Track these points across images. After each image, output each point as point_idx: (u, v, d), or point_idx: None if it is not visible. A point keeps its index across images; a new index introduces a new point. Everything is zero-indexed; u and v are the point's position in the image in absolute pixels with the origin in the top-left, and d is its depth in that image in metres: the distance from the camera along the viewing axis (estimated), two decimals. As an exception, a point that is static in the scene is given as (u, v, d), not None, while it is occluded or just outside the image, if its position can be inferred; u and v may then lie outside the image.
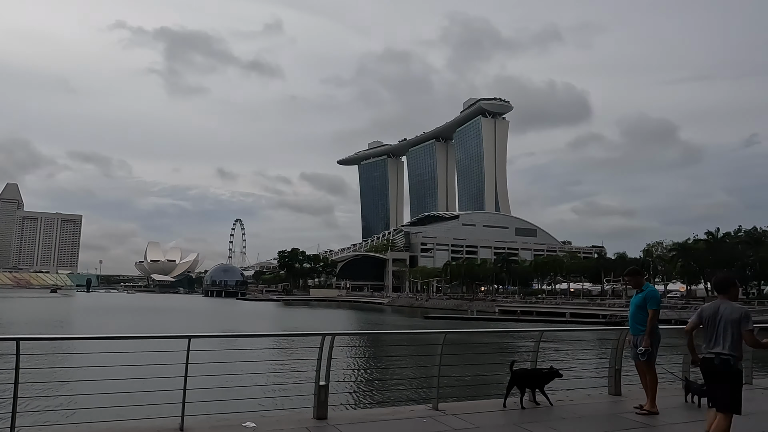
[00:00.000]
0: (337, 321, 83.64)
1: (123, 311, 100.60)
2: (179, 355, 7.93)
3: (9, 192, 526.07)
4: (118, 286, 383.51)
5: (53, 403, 7.95)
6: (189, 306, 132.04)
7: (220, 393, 9.02)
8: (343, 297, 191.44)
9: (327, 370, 8.73)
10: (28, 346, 7.22)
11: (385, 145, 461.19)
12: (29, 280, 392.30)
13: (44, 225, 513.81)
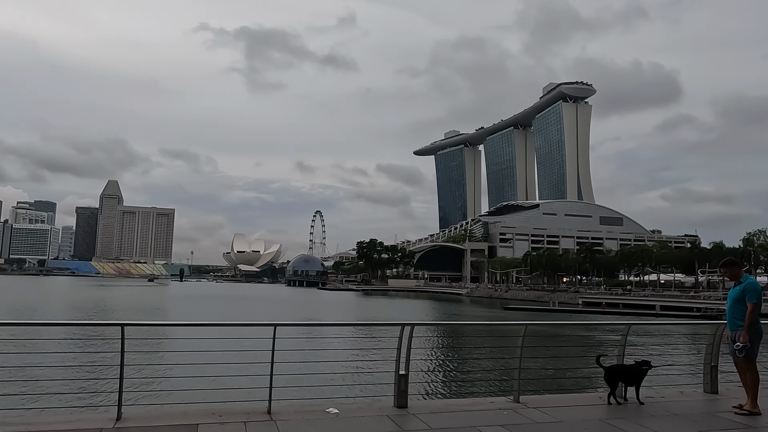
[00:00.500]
0: (416, 311, 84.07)
1: (213, 299, 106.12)
2: (266, 342, 8.30)
3: (110, 188, 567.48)
4: (207, 276, 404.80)
5: (153, 383, 8.59)
6: (273, 295, 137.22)
7: (304, 379, 9.35)
8: (421, 287, 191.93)
9: (407, 359, 8.83)
10: (132, 331, 7.81)
11: (461, 134, 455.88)
12: (129, 270, 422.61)
13: (141, 219, 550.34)
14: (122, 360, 7.70)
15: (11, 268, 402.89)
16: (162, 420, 7.71)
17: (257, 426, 7.59)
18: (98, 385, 9.56)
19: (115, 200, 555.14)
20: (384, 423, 8.01)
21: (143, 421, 7.69)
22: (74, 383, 11.16)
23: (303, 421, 7.91)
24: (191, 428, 7.35)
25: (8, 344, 13.82)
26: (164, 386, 8.06)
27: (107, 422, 7.52)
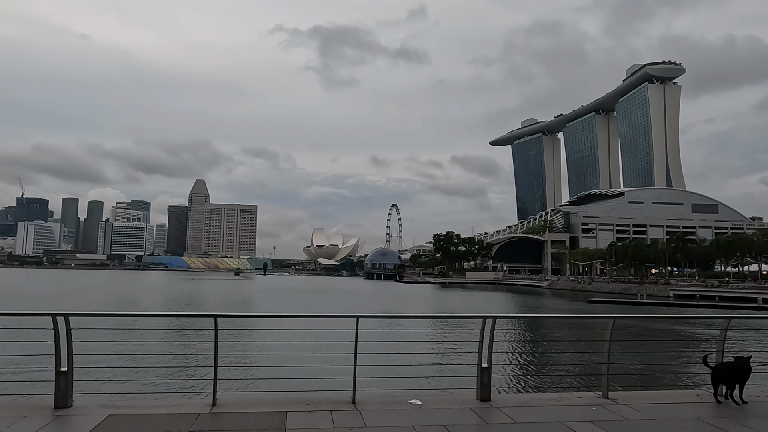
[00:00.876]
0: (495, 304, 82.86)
1: (296, 292, 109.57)
2: (349, 334, 8.49)
3: (198, 187, 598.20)
4: (289, 270, 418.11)
5: (244, 372, 9.02)
6: (352, 288, 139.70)
7: (386, 370, 9.47)
8: (500, 280, 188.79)
9: (489, 352, 8.74)
10: (224, 323, 8.23)
11: (539, 122, 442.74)
12: (217, 264, 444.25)
13: (227, 215, 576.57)
14: (216, 349, 8.14)
15: (113, 264, 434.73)
16: (254, 407, 8.08)
17: (343, 415, 7.79)
18: (194, 372, 10.18)
19: (202, 198, 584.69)
20: (467, 415, 7.99)
21: (237, 407, 8.09)
22: (173, 370, 11.99)
23: (387, 411, 8.03)
24: (281, 415, 7.66)
25: (113, 333, 15.00)
26: (254, 374, 8.45)
27: (204, 407, 7.99)
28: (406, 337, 14.33)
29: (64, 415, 7.55)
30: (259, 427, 7.19)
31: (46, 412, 7.58)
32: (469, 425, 7.56)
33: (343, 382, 8.74)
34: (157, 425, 7.18)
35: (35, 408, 7.77)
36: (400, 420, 7.63)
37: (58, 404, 7.80)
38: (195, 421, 7.39)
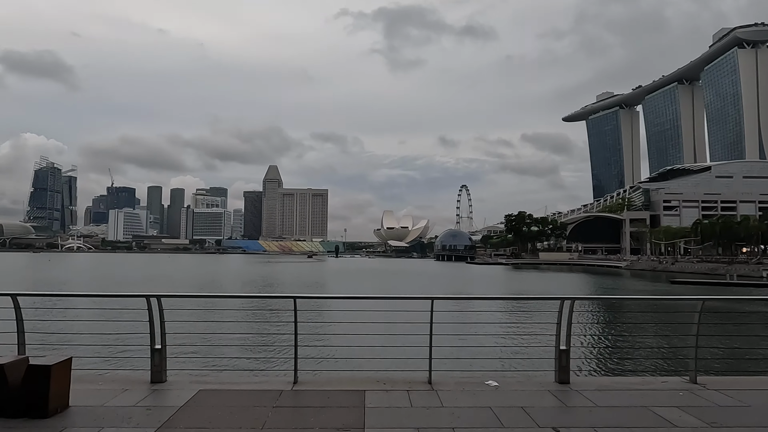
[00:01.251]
0: (571, 285, 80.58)
1: (368, 274, 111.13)
2: (424, 315, 8.55)
3: (271, 173, 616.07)
4: (360, 252, 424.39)
5: (323, 351, 9.32)
6: (423, 269, 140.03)
7: (461, 351, 9.48)
8: (575, 260, 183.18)
9: (567, 334, 8.55)
10: (303, 303, 8.50)
11: (616, 95, 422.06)
12: (291, 247, 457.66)
13: (299, 200, 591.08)
14: (296, 329, 8.44)
15: (194, 248, 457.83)
16: (333, 385, 8.33)
17: (420, 395, 7.89)
18: (276, 350, 10.63)
19: (275, 183, 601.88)
20: (546, 398, 7.88)
21: (317, 385, 8.37)
22: (256, 349, 12.63)
23: (463, 392, 8.06)
24: (359, 394, 7.85)
25: (201, 313, 15.77)
26: (332, 354, 8.71)
27: (286, 385, 8.32)
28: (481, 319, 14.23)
29: (159, 389, 8.09)
30: (340, 404, 7.41)
31: (143, 386, 8.16)
32: (549, 408, 7.46)
33: (419, 363, 8.84)
34: (244, 400, 7.56)
35: (134, 382, 8.37)
36: (477, 401, 7.64)
37: (154, 379, 8.37)
38: (279, 397, 7.72)
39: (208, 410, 7.12)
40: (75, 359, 7.46)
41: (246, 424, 6.57)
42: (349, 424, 6.61)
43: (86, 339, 9.44)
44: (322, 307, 8.23)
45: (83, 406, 7.18)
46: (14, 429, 6.35)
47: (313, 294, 8.34)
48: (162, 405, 7.34)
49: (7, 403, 6.76)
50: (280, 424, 6.61)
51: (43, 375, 6.78)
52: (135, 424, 6.58)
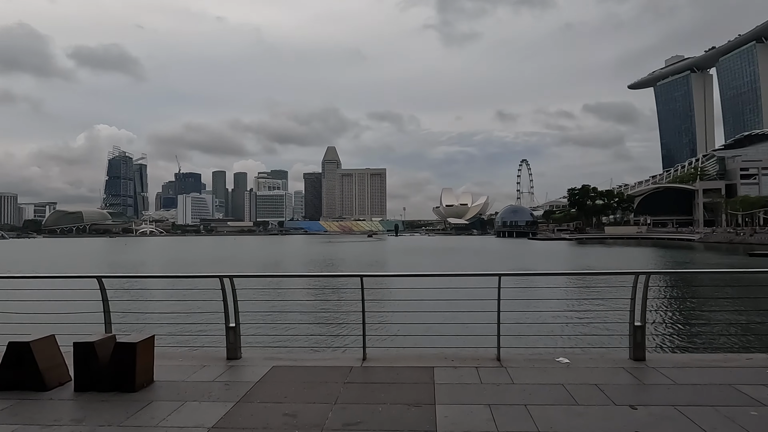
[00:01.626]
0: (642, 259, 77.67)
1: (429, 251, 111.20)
2: (491, 292, 8.45)
3: (330, 154, 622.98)
4: (420, 230, 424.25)
5: (391, 328, 9.41)
6: (484, 246, 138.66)
7: (530, 328, 9.34)
8: (643, 234, 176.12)
9: (642, 310, 8.25)
10: (369, 282, 8.59)
11: (686, 58, 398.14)
12: (351, 227, 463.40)
13: (358, 180, 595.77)
14: (363, 307, 8.55)
15: (258, 230, 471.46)
16: (401, 362, 8.41)
17: (489, 371, 7.84)
18: (344, 328, 10.83)
19: (334, 164, 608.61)
20: (620, 375, 7.66)
21: (386, 361, 8.48)
22: (325, 327, 12.94)
23: (533, 369, 7.95)
24: (428, 370, 7.89)
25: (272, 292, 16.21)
26: (400, 331, 8.78)
27: (356, 361, 8.47)
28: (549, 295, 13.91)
29: (235, 365, 8.42)
30: (409, 380, 7.48)
31: (220, 363, 8.52)
32: (624, 385, 7.24)
33: (486, 340, 8.78)
34: (316, 376, 7.75)
35: (211, 359, 8.75)
36: (548, 378, 7.51)
37: (230, 356, 8.72)
38: (349, 373, 7.87)
39: (283, 385, 7.35)
40: (156, 337, 7.86)
41: (319, 399, 6.75)
42: (420, 400, 6.66)
43: (165, 318, 9.93)
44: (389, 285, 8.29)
45: (166, 381, 7.58)
46: (107, 402, 6.78)
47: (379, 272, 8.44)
48: (239, 380, 7.64)
49: (98, 378, 7.22)
50: (351, 399, 6.74)
51: (130, 352, 7.19)
52: (215, 398, 6.88)
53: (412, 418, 6.07)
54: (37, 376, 7.22)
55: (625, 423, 5.88)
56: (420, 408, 6.40)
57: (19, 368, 7.26)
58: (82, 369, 7.26)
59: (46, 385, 7.24)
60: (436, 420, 6.00)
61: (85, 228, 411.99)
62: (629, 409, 6.30)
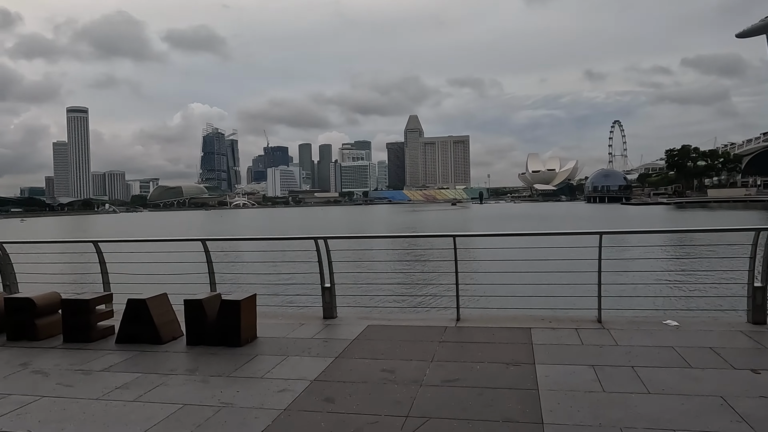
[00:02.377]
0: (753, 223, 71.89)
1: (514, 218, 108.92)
2: (591, 252, 8.07)
3: (412, 123, 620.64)
4: (505, 198, 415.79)
5: (484, 290, 9.26)
6: (573, 212, 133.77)
7: (633, 290, 8.87)
8: (752, 196, 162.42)
9: (764, 269, 7.57)
10: (462, 242, 8.46)
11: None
12: (435, 196, 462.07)
13: (440, 148, 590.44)
14: (456, 267, 8.45)
15: (344, 200, 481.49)
16: (496, 323, 8.28)
17: (590, 333, 7.54)
18: (437, 289, 10.88)
19: (416, 133, 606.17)
20: (738, 339, 7.10)
21: (480, 322, 8.38)
22: (417, 287, 13.06)
23: (638, 331, 7.55)
24: (524, 331, 7.71)
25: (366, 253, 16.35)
26: (494, 292, 8.63)
27: (449, 322, 8.44)
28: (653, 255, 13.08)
29: (331, 324, 8.65)
30: (505, 340, 7.34)
31: (317, 321, 8.78)
32: (743, 349, 6.71)
33: (585, 301, 8.44)
34: (411, 335, 7.80)
35: (309, 318, 9.04)
36: (656, 340, 7.10)
37: (326, 315, 8.96)
38: (444, 333, 7.85)
39: (379, 343, 7.46)
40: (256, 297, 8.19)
41: (415, 356, 6.78)
42: (518, 359, 6.52)
43: (263, 279, 10.34)
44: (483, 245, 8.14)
45: (268, 337, 7.91)
46: (215, 355, 7.19)
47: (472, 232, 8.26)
48: (336, 338, 7.83)
49: (207, 333, 7.66)
50: (448, 357, 6.72)
51: (235, 309, 7.55)
52: (315, 353, 7.10)
53: (511, 377, 5.96)
54: (154, 331, 7.77)
55: (748, 387, 5.44)
56: (519, 367, 6.26)
57: (137, 323, 7.85)
58: (192, 324, 7.73)
59: (162, 338, 7.78)
60: (536, 378, 5.84)
61: (185, 202, 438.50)
62: (751, 374, 5.83)
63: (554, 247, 8.65)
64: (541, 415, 4.92)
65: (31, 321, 8.19)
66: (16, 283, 10.36)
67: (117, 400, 5.65)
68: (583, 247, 8.32)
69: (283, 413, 5.17)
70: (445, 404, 5.25)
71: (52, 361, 7.17)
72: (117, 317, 8.33)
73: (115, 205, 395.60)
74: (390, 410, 5.15)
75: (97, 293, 8.65)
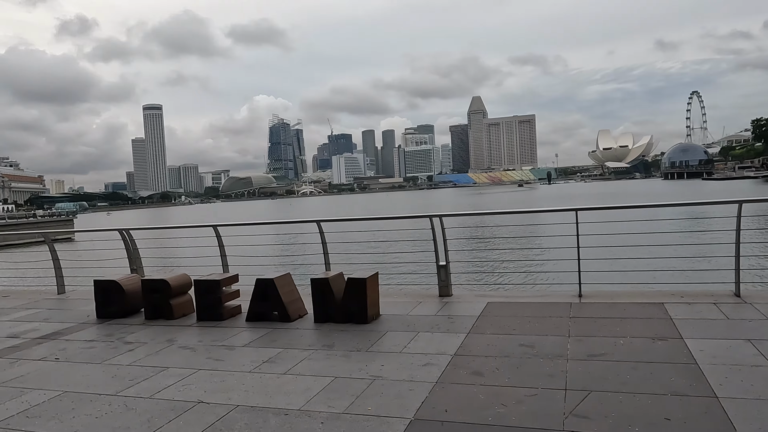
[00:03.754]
0: None
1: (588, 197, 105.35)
2: (724, 222, 7.64)
3: (475, 104, 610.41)
4: (574, 177, 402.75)
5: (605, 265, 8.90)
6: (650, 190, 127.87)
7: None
8: None
9: None
10: (584, 215, 8.21)
11: None
12: (500, 178, 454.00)
13: (505, 128, 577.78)
14: (578, 242, 8.23)
15: (408, 185, 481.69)
16: (622, 298, 8.01)
17: (732, 308, 7.16)
18: (554, 265, 10.64)
19: (480, 115, 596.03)
20: None
21: (605, 298, 8.13)
22: (532, 264, 12.91)
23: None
24: (658, 306, 7.42)
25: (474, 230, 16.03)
26: (615, 267, 8.34)
27: (573, 298, 8.24)
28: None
29: (449, 302, 8.65)
30: (640, 315, 7.09)
31: (434, 299, 8.80)
32: None
33: (718, 275, 8.02)
34: (536, 311, 7.68)
35: (425, 296, 9.08)
36: (810, 315, 6.64)
37: (442, 293, 8.97)
38: (570, 308, 7.68)
39: (505, 319, 7.38)
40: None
41: (550, 332, 6.66)
42: (663, 334, 6.28)
43: (375, 258, 10.47)
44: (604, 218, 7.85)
45: (392, 314, 8.01)
46: (346, 331, 7.35)
47: (594, 205, 8.03)
48: (460, 315, 7.82)
49: (335, 311, 7.85)
50: (584, 333, 6.56)
51: (360, 287, 7.68)
52: (445, 329, 7.12)
53: (662, 351, 5.74)
54: (282, 309, 8.03)
55: None
56: (666, 342, 6.03)
57: (266, 301, 8.14)
58: (319, 302, 7.94)
59: (290, 316, 8.04)
60: (691, 353, 5.60)
61: (254, 191, 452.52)
62: None
63: (677, 219, 8.24)
64: (711, 388, 4.71)
65: (166, 301, 8.67)
66: (141, 267, 11.01)
67: (269, 373, 5.88)
68: (713, 217, 7.89)
69: (437, 385, 5.22)
70: (602, 377, 5.13)
71: (193, 338, 7.57)
72: (242, 297, 8.68)
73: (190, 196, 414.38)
74: (545, 383, 5.09)
75: (224, 274, 9.05)
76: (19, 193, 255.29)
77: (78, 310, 9.79)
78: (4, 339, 8.10)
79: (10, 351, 7.43)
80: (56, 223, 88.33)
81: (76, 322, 8.87)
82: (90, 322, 8.87)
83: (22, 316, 9.63)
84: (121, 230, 10.87)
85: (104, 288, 9.12)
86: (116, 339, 7.70)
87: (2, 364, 6.85)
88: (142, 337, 7.74)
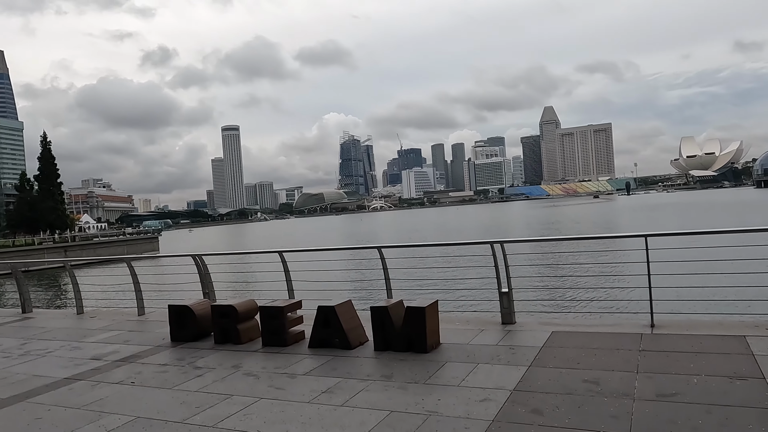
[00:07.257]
0: None
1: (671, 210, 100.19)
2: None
3: (547, 115, 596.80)
4: (656, 187, 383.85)
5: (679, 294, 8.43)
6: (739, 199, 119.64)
7: None
8: None
9: None
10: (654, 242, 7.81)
11: None
12: (576, 189, 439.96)
13: (579, 138, 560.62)
14: (648, 270, 7.83)
15: (479, 199, 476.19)
16: (699, 330, 7.51)
17: (825, 342, 6.55)
18: (624, 294, 10.22)
19: (552, 125, 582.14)
20: None
21: (679, 329, 7.66)
22: (601, 292, 12.45)
23: None
24: (739, 339, 6.91)
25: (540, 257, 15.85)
26: (691, 296, 7.85)
27: (643, 328, 7.82)
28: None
29: (512, 330, 8.44)
30: (717, 350, 6.62)
31: (497, 327, 8.62)
32: None
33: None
34: (603, 342, 7.35)
35: (487, 323, 8.91)
36: None
37: (504, 321, 8.77)
38: (640, 340, 7.29)
39: (570, 351, 7.12)
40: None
41: (617, 366, 6.35)
42: (742, 372, 5.83)
43: (436, 284, 10.41)
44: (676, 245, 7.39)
45: (451, 343, 7.91)
46: (405, 361, 7.33)
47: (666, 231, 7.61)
48: (522, 345, 7.62)
49: (393, 340, 7.86)
50: (655, 368, 6.20)
51: (419, 316, 7.65)
52: (506, 361, 6.95)
53: (741, 392, 5.33)
54: (344, 336, 8.13)
55: None
56: (746, 381, 5.59)
57: (327, 328, 8.27)
58: (379, 330, 7.97)
59: (350, 344, 8.12)
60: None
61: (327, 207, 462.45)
62: None
63: (761, 246, 7.66)
64: (794, 439, 4.33)
65: (233, 326, 9.00)
66: (213, 291, 11.50)
67: (327, 404, 5.96)
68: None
69: (493, 424, 5.10)
70: (670, 421, 4.83)
71: (258, 364, 7.80)
72: (306, 322, 8.87)
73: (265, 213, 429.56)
74: (608, 425, 4.85)
75: (288, 301, 9.29)
76: (111, 212, 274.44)
77: (155, 332, 10.34)
78: (89, 361, 8.68)
79: (93, 373, 7.94)
80: (143, 241, 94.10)
81: (152, 345, 9.37)
82: (165, 345, 9.35)
83: (106, 338, 10.29)
84: (194, 256, 11.41)
85: (178, 312, 9.59)
86: (187, 363, 8.06)
87: (85, 386, 7.34)
88: (210, 362, 8.06)
